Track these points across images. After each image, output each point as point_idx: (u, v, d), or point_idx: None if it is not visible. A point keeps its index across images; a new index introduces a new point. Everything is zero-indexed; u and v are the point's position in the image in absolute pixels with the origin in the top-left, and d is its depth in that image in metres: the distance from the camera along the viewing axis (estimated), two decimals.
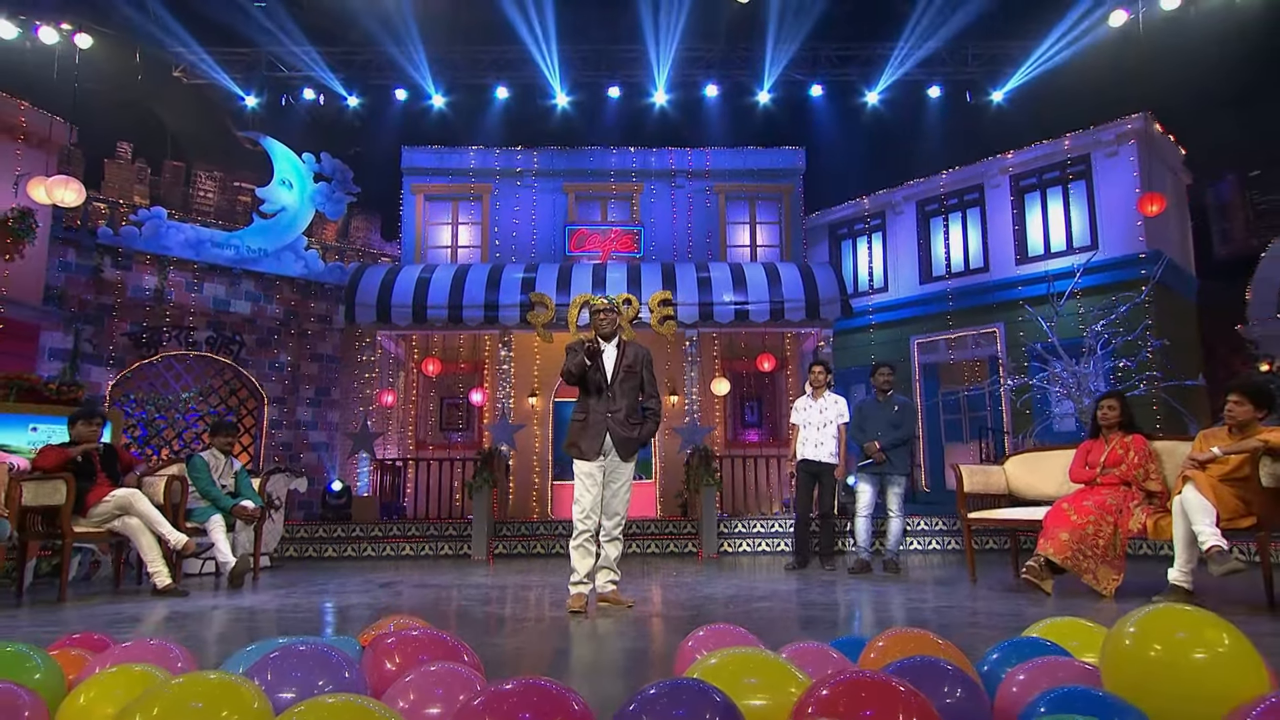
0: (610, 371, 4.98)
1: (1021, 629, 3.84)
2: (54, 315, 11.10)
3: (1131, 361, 10.44)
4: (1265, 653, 3.38)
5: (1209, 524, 4.56)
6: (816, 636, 3.77)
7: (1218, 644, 1.55)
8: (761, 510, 11.88)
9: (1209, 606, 4.37)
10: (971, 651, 3.08)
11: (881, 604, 5.17)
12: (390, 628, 2.35)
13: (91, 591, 6.26)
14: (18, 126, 10.49)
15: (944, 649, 2.01)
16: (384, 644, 2.10)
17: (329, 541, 9.96)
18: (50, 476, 5.66)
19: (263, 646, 2.08)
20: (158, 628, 4.40)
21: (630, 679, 2.88)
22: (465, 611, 4.84)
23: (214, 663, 2.87)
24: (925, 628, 3.94)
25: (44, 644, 3.62)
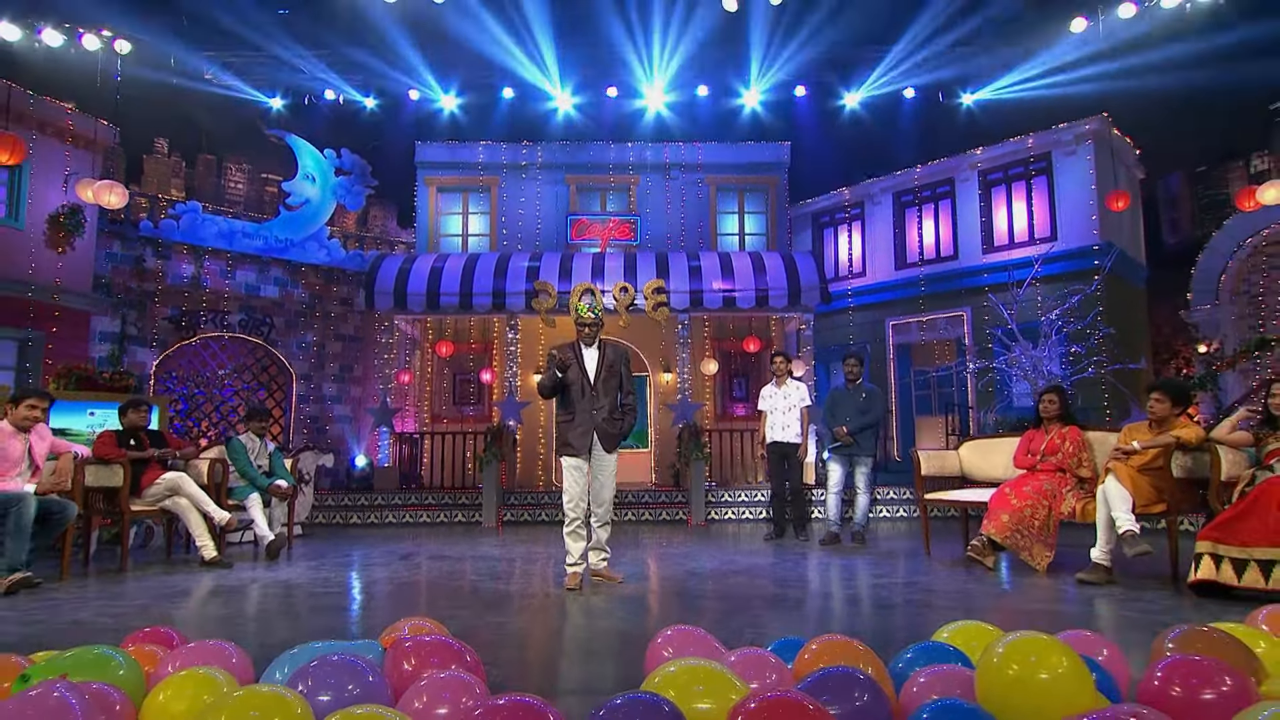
0: (593, 373, 5.13)
1: (956, 609, 4.17)
2: (102, 302, 11.32)
3: (1081, 347, 10.65)
4: (1165, 620, 3.69)
5: (1126, 511, 4.83)
6: (778, 617, 4.07)
7: (1059, 666, 1.81)
8: (747, 479, 12.16)
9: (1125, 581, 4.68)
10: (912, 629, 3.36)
11: (842, 579, 5.45)
12: (406, 630, 2.61)
13: (148, 560, 6.54)
14: (65, 129, 10.60)
15: (863, 654, 2.26)
16: (402, 647, 2.37)
17: (354, 510, 10.25)
18: (109, 461, 5.94)
19: (303, 652, 2.34)
20: (208, 601, 4.68)
21: (613, 661, 3.16)
22: (475, 588, 5.10)
23: (259, 647, 3.14)
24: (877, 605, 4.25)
25: (116, 619, 3.93)
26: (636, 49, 13.34)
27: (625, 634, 3.65)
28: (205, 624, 3.97)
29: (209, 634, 3.47)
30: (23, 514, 4.88)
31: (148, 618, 4.12)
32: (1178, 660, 2.05)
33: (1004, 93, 13.06)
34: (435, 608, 4.38)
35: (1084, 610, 4.17)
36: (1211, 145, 11.96)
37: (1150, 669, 2.06)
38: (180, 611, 4.35)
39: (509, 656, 3.14)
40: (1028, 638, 1.90)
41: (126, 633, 3.65)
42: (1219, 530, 4.29)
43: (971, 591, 4.79)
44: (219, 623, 4.01)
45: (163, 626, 2.83)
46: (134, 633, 2.76)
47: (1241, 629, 2.49)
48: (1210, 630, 2.35)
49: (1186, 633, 2.34)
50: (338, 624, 3.99)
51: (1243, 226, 10.77)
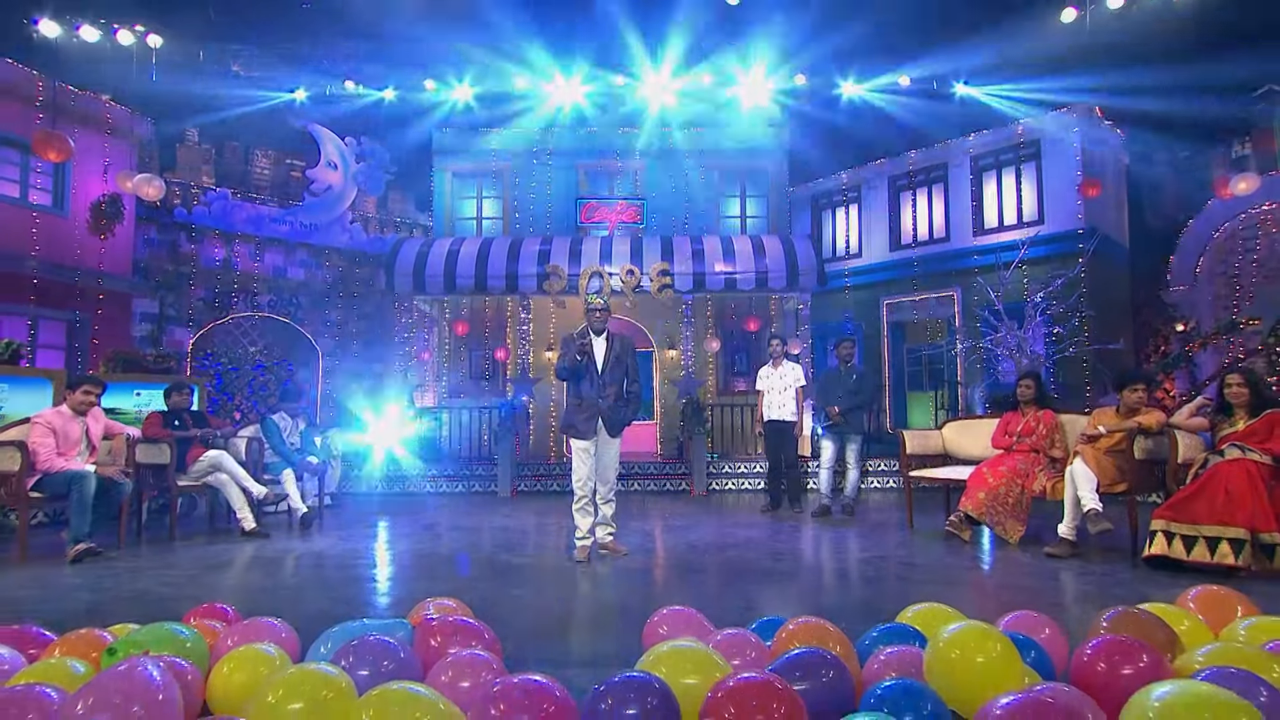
0: (601, 362, 5.30)
1: (931, 582, 4.38)
2: (142, 285, 11.59)
3: (1064, 328, 10.76)
4: (1118, 593, 3.90)
5: (1090, 491, 5.03)
6: (767, 591, 4.29)
7: (993, 651, 2.01)
8: (747, 451, 12.38)
9: (1088, 555, 4.90)
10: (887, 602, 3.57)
11: (829, 552, 5.68)
12: (431, 610, 2.84)
13: (193, 530, 6.81)
14: (105, 122, 10.76)
15: (833, 634, 2.46)
16: (429, 626, 2.60)
17: (378, 479, 10.52)
18: (157, 441, 6.20)
19: (343, 631, 2.58)
20: (250, 571, 4.93)
21: (615, 634, 3.39)
22: (492, 560, 5.34)
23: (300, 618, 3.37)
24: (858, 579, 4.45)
25: (172, 587, 4.19)
26: (643, 40, 13.31)
27: (627, 607, 3.89)
28: (250, 595, 4.21)
29: (255, 605, 3.73)
30: (84, 490, 5.15)
31: (199, 587, 4.39)
32: (1105, 640, 2.25)
33: (996, 81, 13.00)
34: (456, 580, 4.62)
35: (1047, 583, 4.38)
36: (1195, 131, 11.92)
37: (1080, 648, 2.27)
38: (227, 582, 4.61)
39: (523, 629, 3.38)
40: (968, 627, 2.11)
41: (182, 601, 3.95)
42: (1172, 510, 4.48)
43: (947, 564, 5.01)
44: (263, 594, 4.26)
45: (218, 603, 3.06)
46: (194, 608, 2.99)
47: (1169, 609, 2.69)
48: (1139, 612, 2.55)
49: (1119, 615, 2.54)
50: (368, 596, 4.24)
51: (1221, 212, 10.80)
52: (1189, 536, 4.35)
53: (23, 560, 5.13)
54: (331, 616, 3.58)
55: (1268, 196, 10.46)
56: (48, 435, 5.26)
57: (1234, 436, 4.61)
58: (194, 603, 3.85)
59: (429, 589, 4.24)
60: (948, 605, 2.83)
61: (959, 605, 3.68)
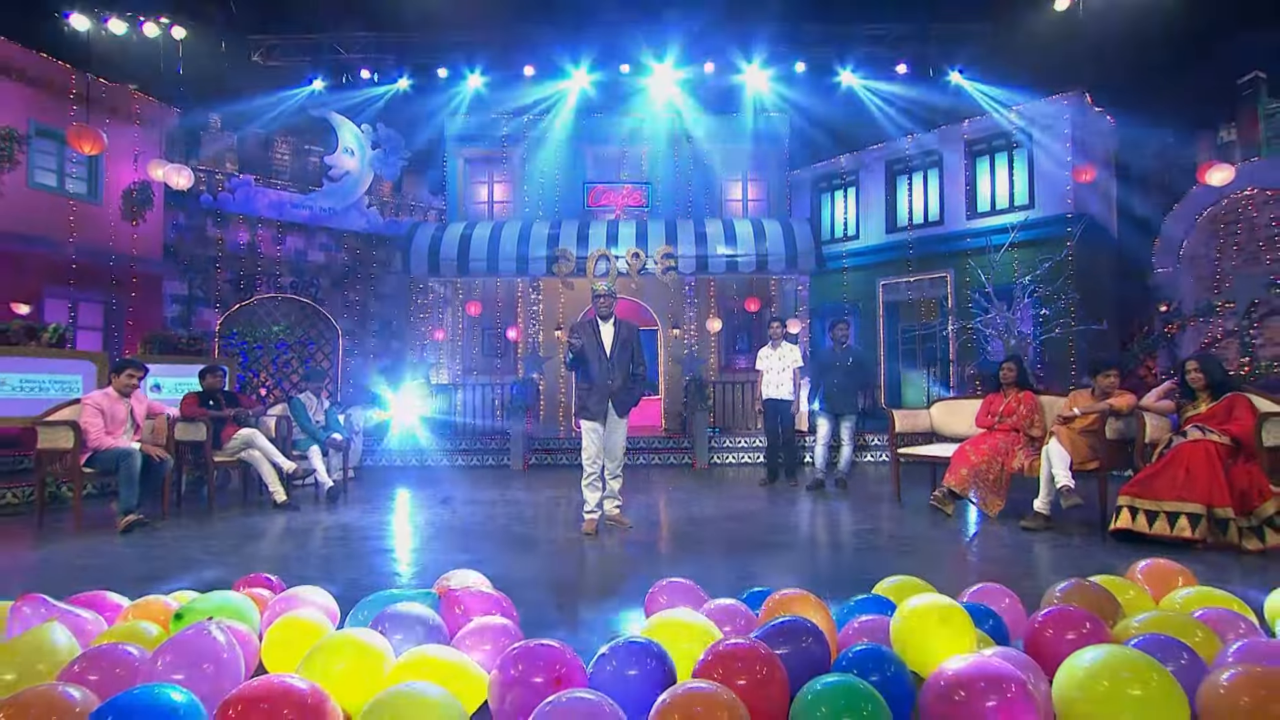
0: (609, 347, 5.47)
1: (912, 554, 4.59)
2: (171, 268, 11.78)
3: (1050, 309, 10.87)
4: (1084, 564, 4.10)
5: (1064, 469, 5.21)
6: (760, 561, 4.51)
7: (950, 618, 2.22)
8: (747, 426, 12.60)
9: (1060, 527, 5.10)
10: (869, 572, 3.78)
11: (821, 524, 5.90)
12: (453, 581, 3.06)
13: (229, 503, 7.05)
14: (134, 112, 10.90)
15: (814, 604, 2.67)
16: (453, 596, 2.82)
17: (398, 453, 10.80)
18: (194, 420, 6.44)
19: (377, 600, 2.80)
20: (285, 542, 5.17)
21: (620, 601, 3.61)
22: (506, 532, 5.57)
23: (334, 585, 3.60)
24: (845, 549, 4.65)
25: (215, 556, 4.43)
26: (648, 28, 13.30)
27: (631, 577, 4.11)
28: (287, 565, 4.45)
29: (292, 574, 3.96)
30: (131, 466, 5.40)
31: (239, 556, 4.64)
32: (1054, 610, 2.45)
33: (990, 67, 12.97)
34: (474, 551, 4.85)
35: (1020, 555, 4.57)
36: (1183, 117, 11.92)
37: (1034, 616, 2.48)
38: (264, 552, 4.85)
39: (536, 598, 3.60)
40: (930, 599, 2.32)
41: (226, 568, 4.21)
42: (1137, 486, 4.67)
43: (930, 537, 5.22)
44: (298, 563, 4.49)
45: (262, 573, 3.29)
46: (243, 577, 3.22)
47: (1117, 581, 2.90)
48: (1089, 584, 2.75)
49: (1070, 586, 2.75)
50: (395, 566, 4.47)
51: (1204, 197, 10.82)
52: (1151, 512, 4.54)
53: (78, 528, 5.41)
54: (361, 585, 3.83)
55: (1249, 182, 10.49)
56: (96, 415, 5.50)
57: (1197, 418, 4.78)
58: (236, 570, 4.12)
59: (450, 560, 4.47)
60: (927, 576, 3.03)
61: (937, 575, 3.91)
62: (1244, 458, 4.48)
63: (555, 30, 13.42)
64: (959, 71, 12.89)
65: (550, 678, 2.03)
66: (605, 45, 13.68)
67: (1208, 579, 3.72)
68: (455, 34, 13.31)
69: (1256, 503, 4.29)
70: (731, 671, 2.03)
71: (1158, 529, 4.48)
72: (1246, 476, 4.36)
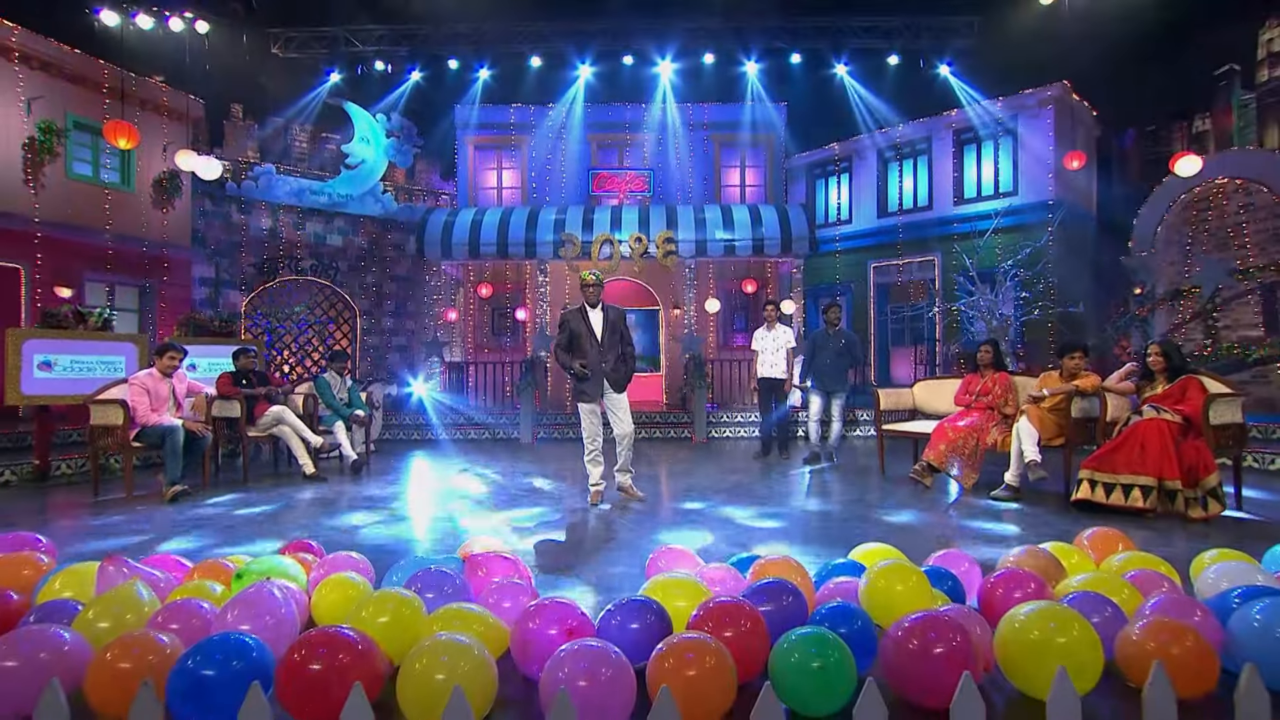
0: (599, 332, 5.63)
1: (891, 522, 4.83)
2: (199, 252, 11.97)
3: (1031, 292, 11.02)
4: (1045, 531, 4.33)
5: (1032, 445, 5.44)
6: (755, 526, 4.75)
7: (910, 579, 2.45)
8: (743, 402, 12.82)
9: (1028, 498, 5.35)
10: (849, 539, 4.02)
11: (809, 495, 6.13)
12: (476, 548, 3.30)
13: (261, 474, 7.29)
14: (162, 105, 11.02)
15: (795, 568, 2.90)
16: (475, 560, 3.06)
17: (414, 427, 11.04)
18: (229, 398, 6.68)
19: (409, 563, 3.04)
20: (317, 511, 5.43)
21: (624, 566, 3.86)
22: (519, 502, 5.83)
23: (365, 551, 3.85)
24: (829, 518, 4.88)
25: (256, 524, 4.68)
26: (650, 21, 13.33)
27: (633, 544, 4.35)
28: (322, 532, 4.70)
29: (327, 539, 4.23)
30: (175, 441, 5.66)
31: (277, 523, 4.89)
32: (1005, 572, 2.69)
33: (978, 60, 13.00)
34: (491, 521, 5.10)
35: (989, 523, 4.80)
36: (1161, 106, 11.97)
37: (987, 578, 2.72)
38: (299, 520, 5.10)
39: (549, 563, 3.85)
40: (893, 563, 2.55)
41: (266, 534, 4.47)
42: (1096, 461, 4.89)
43: (909, 506, 5.45)
44: (332, 530, 4.74)
45: (302, 539, 3.54)
46: (287, 543, 3.47)
47: (1065, 547, 3.13)
48: (1039, 550, 2.98)
49: (1022, 552, 2.98)
50: (418, 532, 4.73)
51: (1178, 184, 10.91)
52: (1109, 484, 4.77)
53: (129, 496, 5.68)
54: (389, 550, 4.09)
55: (1221, 171, 10.59)
56: (142, 394, 5.75)
57: (1153, 398, 5.00)
58: (275, 536, 4.39)
59: (468, 527, 4.73)
60: (902, 542, 3.29)
61: (911, 541, 4.17)
62: (1193, 435, 4.71)
63: (561, 23, 13.45)
64: (947, 65, 12.92)
65: (564, 629, 2.27)
66: (609, 37, 13.71)
67: (1154, 544, 3.98)
68: (464, 26, 13.35)
69: (1202, 476, 4.52)
70: (719, 625, 2.26)
71: (1114, 500, 4.72)
72: (1194, 452, 4.58)
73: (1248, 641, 1.99)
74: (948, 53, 12.94)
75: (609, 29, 13.66)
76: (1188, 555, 3.29)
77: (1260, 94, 10.69)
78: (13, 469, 6.42)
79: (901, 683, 2.07)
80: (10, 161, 9.36)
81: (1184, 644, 1.93)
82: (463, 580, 2.85)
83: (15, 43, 9.34)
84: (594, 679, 1.90)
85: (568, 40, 13.66)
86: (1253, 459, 6.88)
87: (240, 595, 2.38)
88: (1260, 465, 6.86)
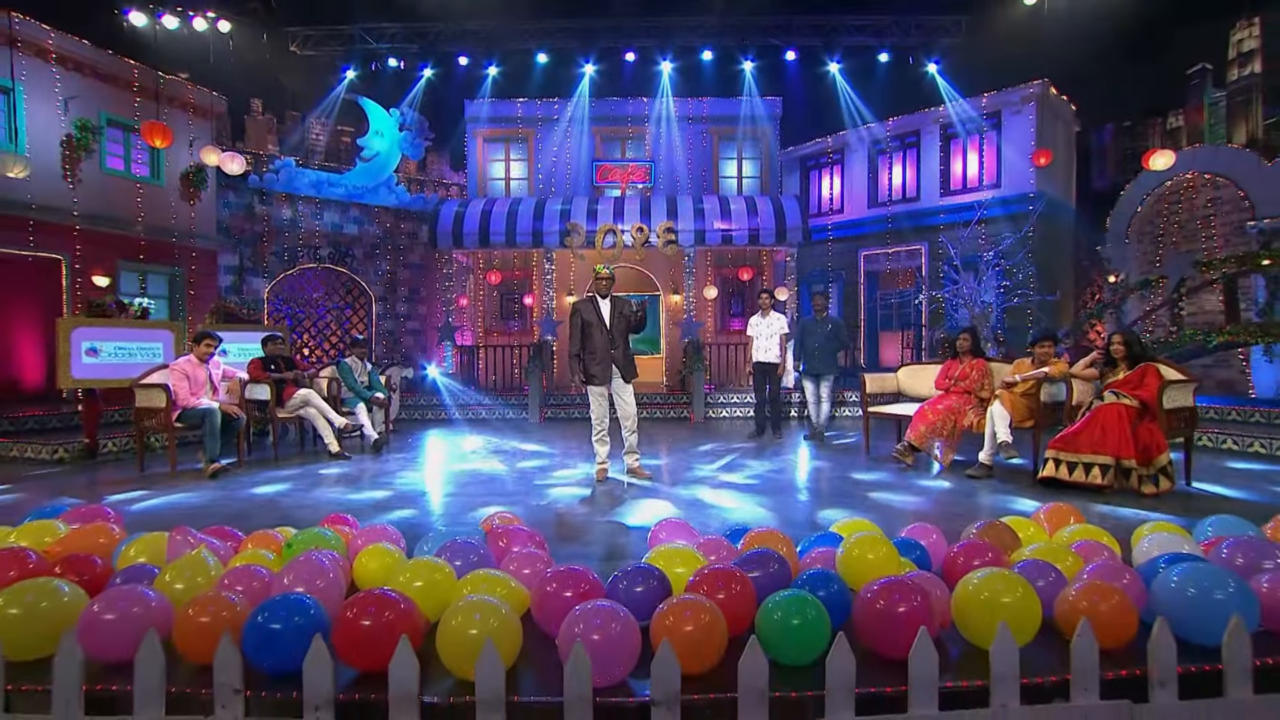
0: (608, 321, 5.80)
1: (872, 497, 5.06)
2: (224, 242, 12.13)
3: (1010, 281, 11.19)
4: (1012, 505, 4.54)
5: (1005, 426, 5.66)
6: (748, 500, 4.98)
7: (880, 549, 2.68)
8: (739, 384, 13.03)
9: (1000, 475, 5.59)
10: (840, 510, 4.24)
11: (801, 471, 6.37)
12: (496, 521, 3.54)
13: (290, 452, 7.53)
14: (188, 102, 11.13)
15: (781, 540, 3.12)
16: (496, 531, 3.30)
17: (429, 407, 11.26)
18: (260, 382, 6.91)
19: (437, 535, 3.27)
20: (345, 487, 5.66)
21: (629, 538, 4.10)
22: (531, 478, 6.07)
23: (393, 521, 4.09)
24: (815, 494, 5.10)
25: (292, 498, 4.91)
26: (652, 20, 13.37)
27: (637, 516, 4.60)
28: (353, 506, 4.94)
29: (358, 513, 4.46)
30: (213, 422, 5.90)
31: (310, 498, 5.13)
32: (967, 542, 2.92)
33: (965, 57, 13.06)
34: (507, 495, 5.33)
35: (962, 499, 5.03)
36: (1138, 103, 12.07)
37: (950, 548, 2.95)
38: (330, 495, 5.34)
39: (562, 533, 4.09)
40: (865, 536, 2.78)
41: (301, 508, 4.72)
42: (1061, 441, 5.11)
43: (890, 483, 5.68)
44: (362, 504, 4.99)
45: (343, 513, 3.78)
46: (327, 516, 3.70)
47: (1022, 520, 3.36)
48: (999, 523, 3.21)
49: (984, 525, 3.21)
50: (439, 507, 4.97)
51: (1151, 178, 11.03)
52: (1071, 463, 5.00)
53: (173, 472, 5.94)
54: (414, 523, 4.33)
55: (1191, 166, 10.70)
56: (183, 379, 5.98)
57: (1115, 384, 5.21)
58: (310, 510, 4.64)
59: (484, 502, 4.97)
60: (882, 515, 3.51)
61: (889, 515, 4.40)
62: (1149, 418, 4.93)
63: (566, 21, 13.50)
64: (935, 62, 12.99)
65: (578, 592, 2.50)
66: (612, 35, 13.76)
67: (1108, 518, 4.22)
68: (474, 24, 13.41)
69: (1155, 455, 4.75)
70: (713, 588, 2.49)
71: (1075, 477, 4.95)
72: (1149, 434, 4.81)
73: (1164, 600, 2.22)
74: (936, 51, 13.00)
75: (612, 26, 13.71)
76: (1135, 527, 3.52)
77: (1230, 92, 10.79)
78: (65, 447, 6.68)
79: (870, 637, 2.30)
80: (50, 158, 9.52)
81: (1110, 602, 2.17)
82: (485, 550, 3.08)
83: (52, 45, 9.46)
84: (605, 634, 2.13)
85: (573, 37, 13.70)
86: (1207, 439, 7.10)
87: (294, 562, 2.62)
88: (1213, 444, 7.08)
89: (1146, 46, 10.87)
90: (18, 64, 9.08)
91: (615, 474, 6.04)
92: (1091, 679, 1.94)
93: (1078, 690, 1.95)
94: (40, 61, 9.43)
